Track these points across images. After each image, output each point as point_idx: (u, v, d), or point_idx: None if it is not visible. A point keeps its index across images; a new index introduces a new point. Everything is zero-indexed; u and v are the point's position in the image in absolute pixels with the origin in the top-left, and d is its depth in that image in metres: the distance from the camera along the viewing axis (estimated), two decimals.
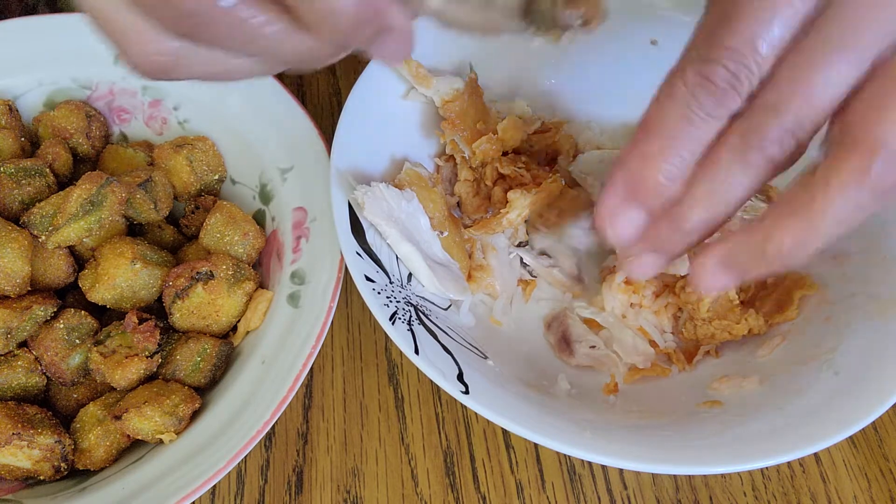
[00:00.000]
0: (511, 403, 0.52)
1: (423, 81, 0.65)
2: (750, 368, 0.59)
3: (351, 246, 0.56)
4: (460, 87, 0.66)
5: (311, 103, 0.79)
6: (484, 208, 0.68)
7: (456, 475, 0.61)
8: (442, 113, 0.65)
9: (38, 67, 0.70)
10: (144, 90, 0.70)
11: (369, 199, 0.57)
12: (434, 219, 0.63)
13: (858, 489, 0.61)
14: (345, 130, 0.61)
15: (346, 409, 0.63)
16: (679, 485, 0.60)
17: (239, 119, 0.68)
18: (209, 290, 0.58)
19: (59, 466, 0.55)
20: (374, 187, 0.58)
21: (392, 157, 0.65)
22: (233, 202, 0.65)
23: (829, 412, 0.51)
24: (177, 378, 0.58)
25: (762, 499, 0.60)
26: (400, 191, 0.60)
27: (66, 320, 0.57)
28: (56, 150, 0.64)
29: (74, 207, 0.57)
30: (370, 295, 0.54)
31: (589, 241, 0.68)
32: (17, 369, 0.57)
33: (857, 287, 0.59)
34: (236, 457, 0.51)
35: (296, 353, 0.56)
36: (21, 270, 0.56)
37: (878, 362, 0.53)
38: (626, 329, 0.63)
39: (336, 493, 0.60)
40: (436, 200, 0.63)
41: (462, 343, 0.57)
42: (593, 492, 0.60)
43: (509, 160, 0.66)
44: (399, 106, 0.67)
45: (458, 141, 0.66)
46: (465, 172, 0.67)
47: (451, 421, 0.63)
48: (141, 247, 0.59)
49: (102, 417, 0.56)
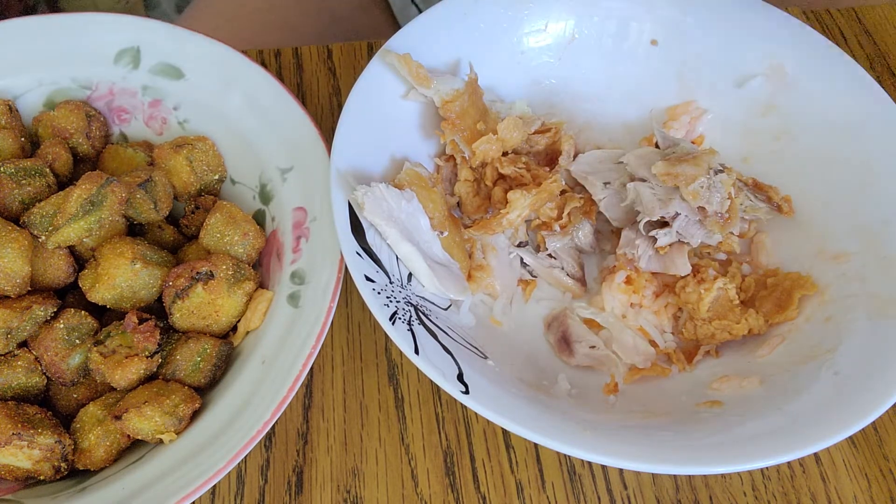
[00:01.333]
0: (511, 403, 0.52)
1: (423, 82, 0.65)
2: (750, 368, 0.59)
3: (351, 246, 0.56)
4: (460, 88, 0.66)
5: (311, 103, 0.79)
6: (484, 208, 0.68)
7: (456, 475, 0.61)
8: (442, 113, 0.65)
9: (38, 67, 0.70)
10: (144, 90, 0.70)
11: (369, 199, 0.57)
12: (434, 219, 0.63)
13: (858, 489, 0.61)
14: (345, 130, 0.61)
15: (346, 409, 0.63)
16: (679, 485, 0.60)
17: (239, 119, 0.68)
18: (209, 290, 0.58)
19: (59, 466, 0.55)
20: (374, 187, 0.58)
21: (392, 156, 0.65)
22: (233, 202, 0.65)
23: (829, 412, 0.51)
24: (177, 378, 0.58)
25: (762, 499, 0.60)
26: (400, 191, 0.60)
27: (66, 320, 0.57)
28: (56, 150, 0.64)
29: (74, 207, 0.57)
30: (370, 295, 0.54)
31: (591, 242, 0.68)
32: (17, 369, 0.57)
33: (857, 287, 0.60)
34: (236, 457, 0.51)
35: (296, 353, 0.56)
36: (21, 270, 0.56)
37: (878, 362, 0.54)
38: (626, 329, 0.63)
39: (336, 493, 0.60)
40: (436, 200, 0.63)
41: (462, 343, 0.57)
42: (593, 492, 0.60)
43: (509, 160, 0.66)
44: (399, 106, 0.67)
45: (458, 141, 0.66)
46: (465, 172, 0.67)
47: (451, 421, 0.63)
48: (141, 247, 0.59)
49: (102, 417, 0.56)
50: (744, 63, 0.71)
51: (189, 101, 0.70)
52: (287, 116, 0.67)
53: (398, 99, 0.67)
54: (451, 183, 0.69)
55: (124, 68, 0.70)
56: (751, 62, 0.71)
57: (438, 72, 0.67)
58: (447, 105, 0.65)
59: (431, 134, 0.68)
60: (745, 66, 0.71)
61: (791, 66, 0.69)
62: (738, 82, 0.71)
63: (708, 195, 0.61)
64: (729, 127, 0.72)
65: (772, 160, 0.70)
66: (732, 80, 0.72)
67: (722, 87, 0.72)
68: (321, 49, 0.83)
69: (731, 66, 0.71)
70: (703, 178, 0.61)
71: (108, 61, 0.70)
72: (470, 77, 0.66)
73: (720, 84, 0.72)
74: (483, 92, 0.68)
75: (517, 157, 0.68)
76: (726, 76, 0.72)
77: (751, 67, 0.71)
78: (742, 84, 0.71)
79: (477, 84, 0.67)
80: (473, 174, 0.68)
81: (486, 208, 0.68)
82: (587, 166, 0.68)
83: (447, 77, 0.67)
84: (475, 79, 0.66)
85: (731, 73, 0.71)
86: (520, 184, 0.66)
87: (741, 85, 0.71)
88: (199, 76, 0.69)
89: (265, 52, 0.83)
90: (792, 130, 0.69)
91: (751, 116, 0.71)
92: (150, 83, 0.70)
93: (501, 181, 0.67)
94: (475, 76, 0.67)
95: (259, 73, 0.68)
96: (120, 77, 0.70)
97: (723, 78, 0.72)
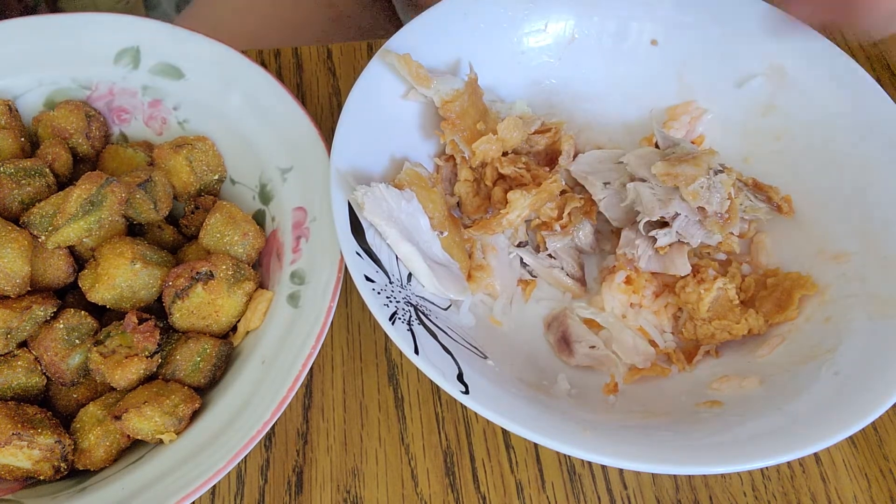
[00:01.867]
0: (511, 403, 0.52)
1: (423, 82, 0.65)
2: (750, 368, 0.59)
3: (351, 246, 0.56)
4: (460, 88, 0.66)
5: (311, 103, 0.79)
6: (484, 208, 0.68)
7: (456, 475, 0.61)
8: (442, 113, 0.65)
9: (38, 67, 0.70)
10: (144, 90, 0.70)
11: (369, 200, 0.57)
12: (434, 219, 0.63)
13: (858, 489, 0.61)
14: (345, 130, 0.61)
15: (346, 409, 0.63)
16: (679, 485, 0.60)
17: (239, 119, 0.68)
18: (209, 290, 0.58)
19: (59, 466, 0.55)
20: (374, 187, 0.58)
21: (392, 156, 0.65)
22: (233, 202, 0.65)
23: (829, 412, 0.51)
24: (177, 378, 0.58)
25: (762, 499, 0.60)
26: (400, 191, 0.60)
27: (66, 320, 0.57)
28: (56, 150, 0.64)
29: (74, 207, 0.57)
30: (370, 295, 0.54)
31: (591, 242, 0.68)
32: (17, 369, 0.57)
33: (857, 287, 0.60)
34: (236, 457, 0.52)
35: (296, 353, 0.56)
36: (21, 270, 0.56)
37: (878, 362, 0.54)
38: (626, 329, 0.63)
39: (336, 493, 0.60)
40: (435, 200, 0.63)
41: (462, 343, 0.57)
42: (593, 492, 0.60)
43: (509, 160, 0.66)
44: (399, 106, 0.67)
45: (458, 141, 0.65)
46: (465, 172, 0.67)
47: (451, 421, 0.63)
48: (141, 247, 0.59)
49: (102, 417, 0.56)
50: (744, 63, 0.71)
51: (189, 101, 0.70)
52: (287, 116, 0.67)
53: (398, 99, 0.67)
54: (450, 183, 0.69)
55: (124, 68, 0.70)
56: (751, 62, 0.71)
57: (438, 72, 0.67)
58: (447, 105, 0.65)
59: (431, 134, 0.68)
60: (745, 66, 0.71)
61: (791, 66, 0.69)
62: (738, 82, 0.71)
63: (708, 195, 0.61)
64: (729, 127, 0.72)
65: (772, 160, 0.70)
66: (732, 80, 0.72)
67: (722, 87, 0.72)
68: (321, 49, 0.83)
69: (731, 66, 0.71)
70: (703, 179, 0.61)
71: (108, 61, 0.70)
72: (470, 77, 0.66)
73: (720, 84, 0.72)
74: (483, 92, 0.68)
75: (517, 157, 0.68)
76: (726, 76, 0.72)
77: (751, 67, 0.71)
78: (742, 84, 0.71)
79: (477, 84, 0.67)
80: (473, 174, 0.68)
81: (486, 208, 0.68)
82: (587, 166, 0.68)
83: (447, 77, 0.66)
84: (475, 79, 0.66)
85: (731, 73, 0.71)
86: (520, 184, 0.66)
87: (741, 85, 0.71)
88: (199, 76, 0.69)
89: (265, 52, 0.83)
90: (792, 130, 0.69)
91: (751, 116, 0.71)
92: (150, 83, 0.70)
93: (501, 181, 0.67)
94: (475, 76, 0.67)
95: (259, 73, 0.68)
96: (120, 77, 0.70)
97: (723, 78, 0.72)
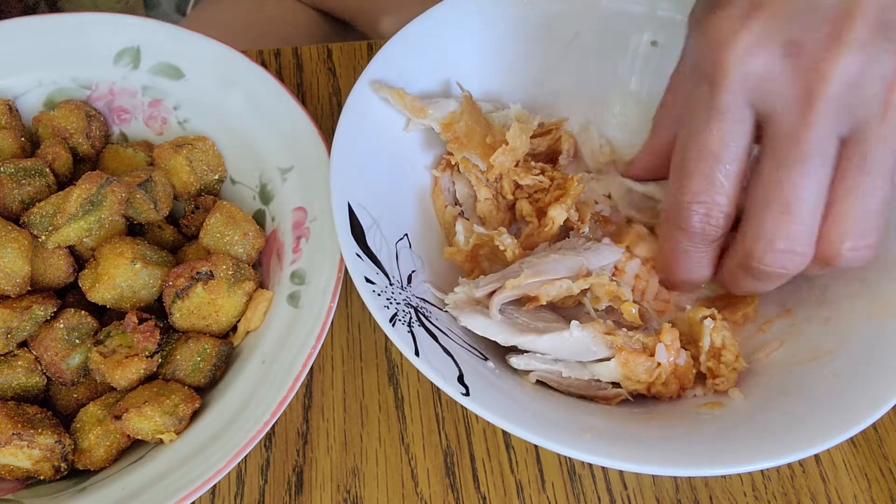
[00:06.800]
0: (511, 405, 0.52)
1: (419, 113, 0.64)
2: (750, 369, 0.59)
3: (351, 248, 0.56)
4: (456, 110, 0.65)
5: (311, 103, 0.79)
6: (507, 221, 0.67)
7: (456, 475, 0.61)
8: (443, 138, 0.65)
9: (38, 67, 0.70)
10: (144, 90, 0.70)
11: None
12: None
13: (858, 489, 0.61)
14: (345, 131, 0.61)
15: (346, 409, 0.63)
16: (679, 485, 0.60)
17: (239, 119, 0.68)
18: (209, 290, 0.58)
19: (59, 466, 0.55)
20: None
21: (392, 157, 0.65)
22: (233, 202, 0.65)
23: (830, 413, 0.51)
24: (177, 378, 0.58)
25: (762, 499, 0.60)
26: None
27: (66, 320, 0.57)
28: (56, 150, 0.64)
29: (74, 207, 0.57)
30: (370, 297, 0.54)
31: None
32: (17, 369, 0.57)
33: (857, 287, 0.59)
34: (236, 457, 0.52)
35: (296, 353, 0.56)
36: (21, 270, 0.56)
37: (878, 363, 0.53)
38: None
39: (336, 493, 0.60)
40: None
41: (462, 345, 0.57)
42: (593, 492, 0.60)
43: (523, 168, 0.65)
44: (394, 119, 0.66)
45: (471, 157, 0.64)
46: (483, 192, 0.65)
47: (451, 421, 0.63)
48: (141, 247, 0.59)
49: (102, 417, 0.56)
50: None
51: (189, 101, 0.70)
52: (287, 116, 0.67)
53: (392, 112, 0.66)
54: (450, 192, 0.68)
55: (124, 68, 0.70)
56: None
57: (430, 96, 0.66)
58: (447, 127, 0.64)
59: (431, 144, 0.68)
60: None
61: None
62: None
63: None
64: None
65: None
66: None
67: None
68: (321, 49, 0.83)
69: None
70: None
71: (108, 61, 0.70)
72: (464, 95, 0.66)
73: None
74: (480, 107, 0.67)
75: (527, 164, 0.67)
76: None
77: None
78: None
79: (472, 101, 0.66)
80: (491, 190, 0.66)
81: (509, 221, 0.67)
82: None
83: (440, 101, 0.65)
84: (469, 96, 0.66)
85: None
86: (539, 191, 0.65)
87: None
88: (199, 76, 0.69)
89: (265, 52, 0.83)
90: None
91: None
92: (150, 83, 0.70)
93: (519, 191, 0.66)
94: (468, 93, 0.66)
95: (259, 73, 0.68)
96: (120, 77, 0.70)
97: None
